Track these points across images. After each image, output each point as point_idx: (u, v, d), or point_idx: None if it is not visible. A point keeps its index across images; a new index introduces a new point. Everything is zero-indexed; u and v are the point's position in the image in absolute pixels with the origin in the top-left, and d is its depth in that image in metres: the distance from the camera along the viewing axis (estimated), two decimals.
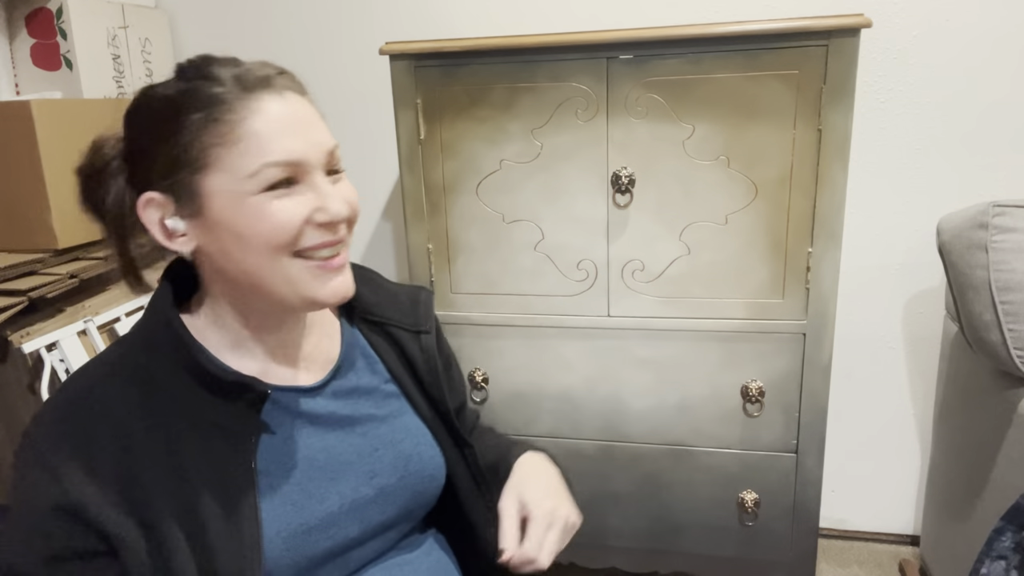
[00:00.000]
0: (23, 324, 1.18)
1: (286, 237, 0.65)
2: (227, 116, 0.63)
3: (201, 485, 0.66)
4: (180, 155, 0.64)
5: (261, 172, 0.63)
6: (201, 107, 0.63)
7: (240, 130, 0.63)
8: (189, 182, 0.65)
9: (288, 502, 0.70)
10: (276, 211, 0.64)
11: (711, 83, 1.08)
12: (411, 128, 1.19)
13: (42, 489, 0.63)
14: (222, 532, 0.65)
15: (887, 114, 1.44)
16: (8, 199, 1.27)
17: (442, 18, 1.56)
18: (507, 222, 1.20)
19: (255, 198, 0.64)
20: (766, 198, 1.11)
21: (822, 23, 1.02)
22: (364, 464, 0.76)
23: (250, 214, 0.64)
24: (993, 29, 1.36)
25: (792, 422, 1.19)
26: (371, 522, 0.75)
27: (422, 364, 0.83)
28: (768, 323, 1.16)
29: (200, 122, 0.63)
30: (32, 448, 0.65)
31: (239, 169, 0.63)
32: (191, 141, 0.63)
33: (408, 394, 0.82)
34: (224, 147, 0.63)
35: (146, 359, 0.69)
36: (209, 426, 0.68)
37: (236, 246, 0.65)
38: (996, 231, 1.10)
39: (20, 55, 1.47)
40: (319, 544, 0.71)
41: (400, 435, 0.80)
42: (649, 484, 1.26)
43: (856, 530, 1.67)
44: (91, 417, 0.65)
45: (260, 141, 0.63)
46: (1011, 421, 1.12)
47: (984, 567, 0.84)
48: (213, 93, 0.64)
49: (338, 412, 0.77)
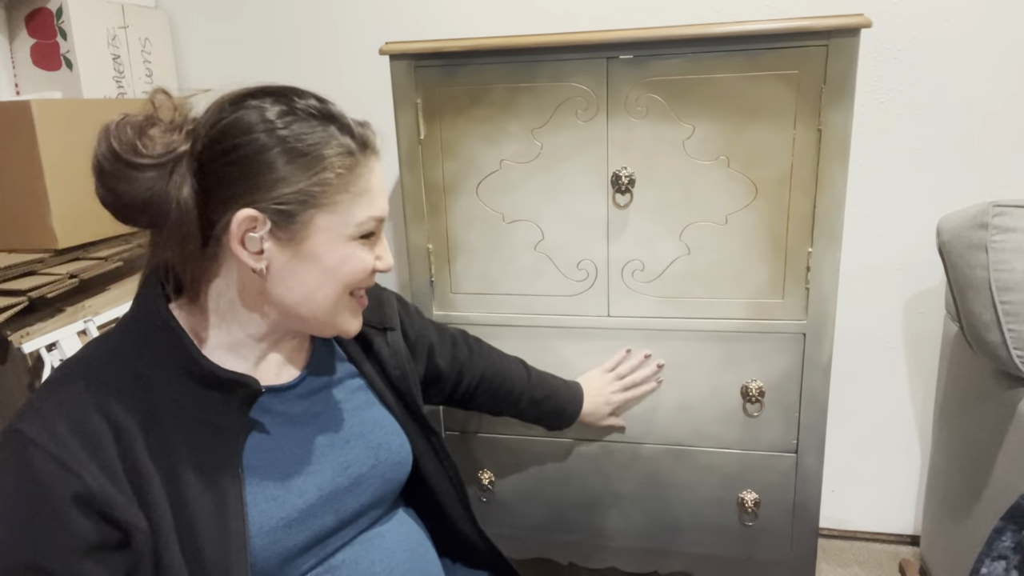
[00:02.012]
0: (23, 324, 1.18)
1: (360, 278, 0.75)
2: (359, 170, 0.73)
3: (190, 480, 0.68)
4: (311, 189, 0.70)
5: (366, 223, 0.73)
6: (342, 153, 0.71)
7: (363, 184, 0.73)
8: (301, 213, 0.70)
9: (270, 497, 0.72)
10: (362, 257, 0.74)
11: (711, 83, 1.08)
12: (411, 128, 1.19)
13: (57, 481, 0.62)
14: (210, 527, 0.67)
15: (887, 114, 1.44)
16: (8, 199, 1.27)
17: (442, 18, 1.56)
18: (507, 222, 1.20)
19: (352, 243, 0.73)
20: (766, 198, 1.11)
21: (822, 23, 1.02)
22: (338, 456, 0.80)
23: (343, 255, 0.73)
24: (993, 29, 1.36)
25: (792, 422, 1.19)
26: (347, 510, 0.79)
27: (389, 359, 0.90)
28: (768, 323, 1.16)
29: (341, 169, 0.71)
30: (30, 442, 0.63)
31: (351, 217, 0.72)
32: (327, 181, 0.70)
33: (375, 387, 0.88)
34: (349, 195, 0.72)
35: (137, 354, 0.71)
36: (199, 423, 0.70)
37: (316, 278, 0.73)
38: (996, 231, 1.10)
39: (20, 55, 1.47)
40: (300, 535, 0.73)
41: (369, 426, 0.84)
42: (649, 484, 1.26)
43: (856, 530, 1.67)
44: (88, 410, 0.66)
45: (371, 197, 0.74)
46: (1011, 421, 1.12)
47: (984, 567, 0.84)
48: (350, 146, 0.72)
49: (311, 409, 0.81)
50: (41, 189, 1.25)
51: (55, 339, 1.17)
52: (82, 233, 1.33)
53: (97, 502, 0.63)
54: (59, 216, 1.27)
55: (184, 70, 1.72)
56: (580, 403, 1.18)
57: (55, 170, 1.27)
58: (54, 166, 1.26)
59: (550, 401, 1.15)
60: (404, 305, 1.01)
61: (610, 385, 1.20)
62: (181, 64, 1.72)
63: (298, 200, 0.69)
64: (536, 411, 1.16)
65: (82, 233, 1.33)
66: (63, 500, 0.62)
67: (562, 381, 1.19)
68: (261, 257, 0.70)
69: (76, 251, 1.33)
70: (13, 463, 0.64)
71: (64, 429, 0.64)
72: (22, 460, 0.63)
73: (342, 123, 0.72)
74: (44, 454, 0.63)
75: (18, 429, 0.64)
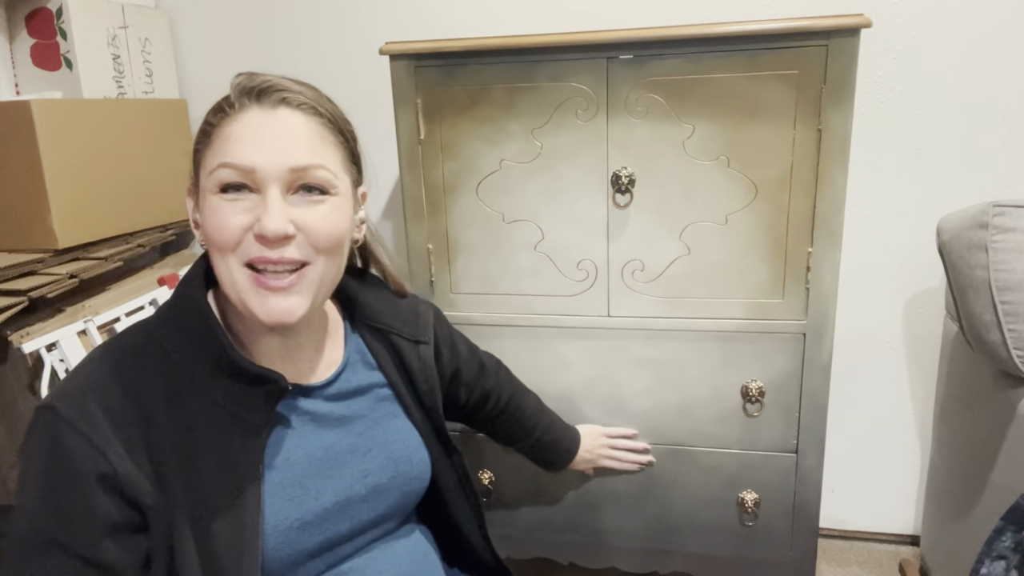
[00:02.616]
0: (23, 324, 1.18)
1: (226, 239, 0.67)
2: (214, 119, 0.69)
3: (211, 471, 0.67)
4: (193, 151, 0.72)
5: (216, 171, 0.67)
6: (208, 113, 0.71)
7: (216, 132, 0.68)
8: (196, 179, 0.72)
9: (286, 497, 0.72)
10: (221, 212, 0.67)
11: (711, 83, 1.08)
12: (411, 128, 1.19)
13: (84, 459, 0.63)
14: (225, 519, 0.67)
15: (887, 114, 1.44)
16: (8, 199, 1.27)
17: (442, 18, 1.56)
18: (507, 222, 1.20)
19: (212, 197, 0.68)
20: (766, 198, 1.11)
21: (822, 23, 1.02)
22: (358, 463, 0.79)
23: (207, 211, 0.69)
24: (993, 29, 1.36)
25: (792, 422, 1.19)
26: (361, 519, 0.78)
27: (419, 373, 0.87)
28: (768, 323, 1.16)
29: (203, 125, 0.71)
30: (61, 418, 0.64)
31: (206, 167, 0.69)
32: (195, 141, 0.71)
33: (401, 399, 0.86)
34: (205, 147, 0.70)
35: (171, 341, 0.71)
36: (225, 415, 0.70)
37: (206, 242, 0.70)
38: (996, 231, 1.10)
39: (20, 55, 1.47)
40: (312, 539, 0.73)
41: (392, 437, 0.83)
42: (649, 484, 1.26)
43: (856, 530, 1.67)
44: (118, 393, 0.66)
45: (225, 144, 0.67)
46: (1011, 421, 1.12)
47: (984, 567, 0.84)
48: (218, 102, 0.70)
49: (337, 412, 0.79)
50: (41, 189, 1.25)
51: (55, 339, 1.17)
52: (82, 233, 1.33)
53: (120, 482, 0.63)
54: (59, 216, 1.27)
55: (184, 70, 1.72)
56: (574, 454, 1.20)
57: (55, 170, 1.27)
58: (54, 166, 1.26)
59: (553, 448, 1.17)
60: (441, 321, 0.98)
61: (602, 448, 1.23)
62: (181, 64, 1.72)
63: (194, 162, 0.72)
64: (535, 454, 1.17)
65: (82, 233, 1.33)
66: (89, 477, 0.62)
67: (564, 428, 1.19)
68: (198, 229, 0.73)
69: (76, 251, 1.33)
70: (46, 438, 0.64)
71: (94, 407, 0.64)
72: (54, 436, 0.64)
73: (231, 84, 0.71)
74: (74, 431, 0.63)
75: (51, 405, 0.65)
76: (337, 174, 0.72)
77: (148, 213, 1.51)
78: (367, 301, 0.87)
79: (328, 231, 0.70)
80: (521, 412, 1.11)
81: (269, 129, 0.68)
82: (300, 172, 0.68)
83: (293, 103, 0.70)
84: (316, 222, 0.69)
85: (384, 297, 0.90)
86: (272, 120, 0.68)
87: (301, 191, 0.69)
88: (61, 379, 0.71)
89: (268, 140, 0.67)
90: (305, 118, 0.70)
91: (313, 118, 0.71)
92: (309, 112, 0.71)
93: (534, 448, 1.16)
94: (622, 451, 1.23)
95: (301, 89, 0.72)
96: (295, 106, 0.70)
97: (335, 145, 0.73)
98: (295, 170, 0.68)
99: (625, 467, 1.24)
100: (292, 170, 0.68)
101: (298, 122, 0.69)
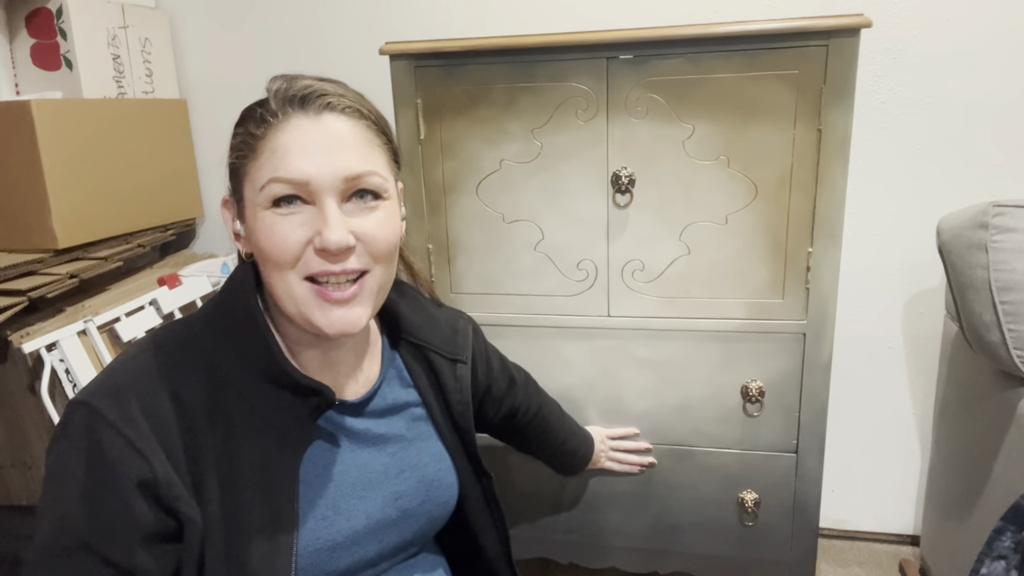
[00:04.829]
0: (23, 324, 1.18)
1: (286, 256, 0.65)
2: (257, 130, 0.66)
3: (248, 485, 0.65)
4: (232, 163, 0.69)
5: (268, 186, 0.65)
6: (245, 121, 0.68)
7: (262, 145, 0.66)
8: (239, 189, 0.69)
9: (319, 516, 0.70)
10: (278, 229, 0.65)
11: (711, 83, 1.08)
12: (411, 128, 1.19)
13: (125, 463, 0.60)
14: (260, 536, 0.65)
15: (887, 114, 1.44)
16: (8, 199, 1.27)
17: (442, 18, 1.56)
18: (507, 222, 1.20)
19: (265, 212, 0.66)
20: (766, 198, 1.11)
21: (822, 23, 1.02)
22: (391, 485, 0.76)
23: (261, 227, 0.66)
24: (993, 29, 1.36)
25: (792, 422, 1.19)
26: (389, 543, 0.76)
27: (454, 392, 0.84)
28: (768, 323, 1.16)
29: (243, 136, 0.67)
30: (101, 418, 0.61)
31: (253, 181, 0.66)
32: (235, 151, 0.68)
33: (435, 419, 0.83)
34: (249, 160, 0.67)
35: (216, 343, 0.69)
36: (266, 425, 0.67)
37: (259, 257, 0.68)
38: (996, 231, 1.10)
39: (20, 55, 1.47)
40: (341, 561, 0.71)
41: (425, 459, 0.80)
42: (649, 484, 1.27)
43: (856, 530, 1.67)
44: (159, 395, 0.64)
45: (274, 157, 0.65)
46: (1011, 421, 1.12)
47: (984, 567, 0.84)
48: (255, 108, 0.68)
49: (372, 430, 0.77)
50: (41, 189, 1.25)
51: (55, 339, 1.17)
52: (82, 233, 1.33)
53: (160, 489, 0.61)
54: (59, 216, 1.27)
55: (184, 70, 1.72)
56: (588, 460, 1.20)
57: (55, 170, 1.27)
58: (54, 166, 1.26)
59: (571, 456, 1.17)
60: (479, 338, 0.95)
61: (604, 451, 1.23)
62: (181, 64, 1.72)
63: (231, 176, 0.70)
64: (554, 461, 1.17)
65: (82, 233, 1.33)
66: (129, 483, 0.60)
67: (581, 436, 1.19)
68: (245, 243, 0.71)
69: (76, 251, 1.33)
70: (84, 437, 0.61)
71: (135, 408, 0.62)
72: (92, 436, 0.61)
73: (268, 89, 0.69)
74: (115, 433, 0.60)
75: (88, 402, 0.62)
76: (387, 177, 0.70)
77: (148, 213, 1.51)
78: (405, 315, 0.84)
79: (385, 237, 0.70)
80: (545, 424, 1.10)
81: (317, 138, 0.66)
82: (354, 180, 0.67)
83: (337, 108, 0.68)
84: (373, 230, 0.68)
85: (422, 310, 0.87)
86: (319, 128, 0.66)
87: (354, 198, 0.68)
88: (96, 374, 0.68)
89: (318, 150, 0.65)
90: (351, 123, 0.69)
91: (359, 122, 0.69)
92: (354, 116, 0.69)
93: (554, 456, 1.15)
94: (623, 453, 1.23)
95: (343, 92, 0.70)
96: (340, 111, 0.68)
97: (380, 147, 0.71)
98: (349, 179, 0.66)
99: (626, 469, 1.24)
100: (346, 179, 0.66)
101: (344, 128, 0.68)
